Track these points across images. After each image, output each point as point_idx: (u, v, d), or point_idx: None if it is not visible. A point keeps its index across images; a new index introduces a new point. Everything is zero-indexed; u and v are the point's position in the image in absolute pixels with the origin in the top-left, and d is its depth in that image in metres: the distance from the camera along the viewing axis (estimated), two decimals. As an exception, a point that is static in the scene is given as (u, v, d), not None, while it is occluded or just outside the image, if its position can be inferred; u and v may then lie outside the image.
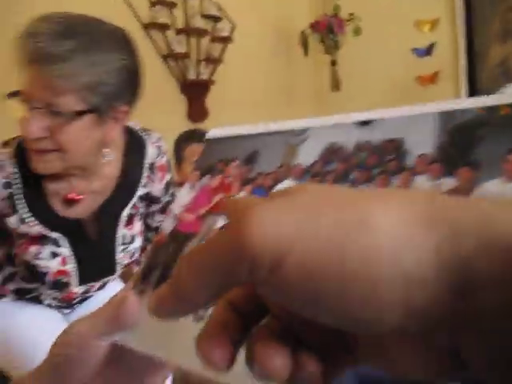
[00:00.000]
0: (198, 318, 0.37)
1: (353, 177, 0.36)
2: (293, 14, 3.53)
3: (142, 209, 1.39)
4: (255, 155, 0.43)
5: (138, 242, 1.39)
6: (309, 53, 3.41)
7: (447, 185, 0.33)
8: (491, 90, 2.67)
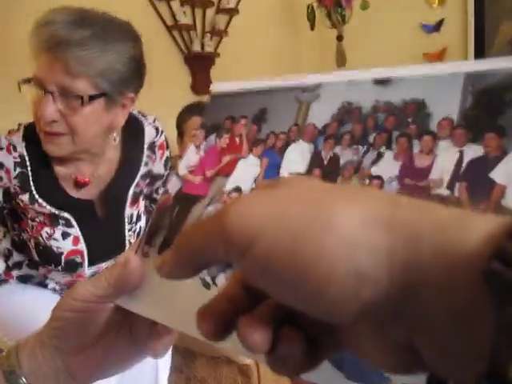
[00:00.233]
0: (206, 285, 0.36)
1: (371, 139, 0.34)
2: (300, -13, 3.47)
3: (145, 188, 1.47)
4: (264, 113, 0.40)
5: (143, 221, 1.48)
6: (315, 27, 3.36)
7: (472, 152, 0.31)
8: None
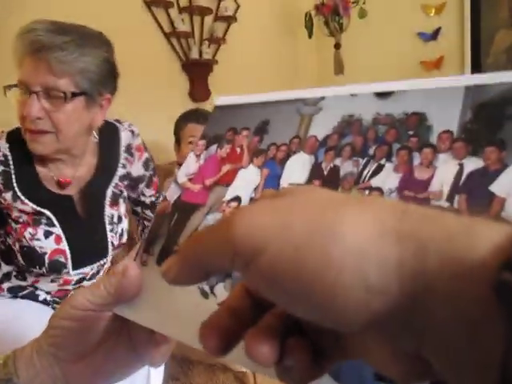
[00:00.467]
0: (204, 294, 0.36)
1: (371, 152, 0.34)
2: (298, -5, 3.49)
3: (126, 190, 1.57)
4: (266, 125, 0.40)
5: (125, 223, 1.56)
6: (313, 35, 3.37)
7: (472, 165, 0.31)
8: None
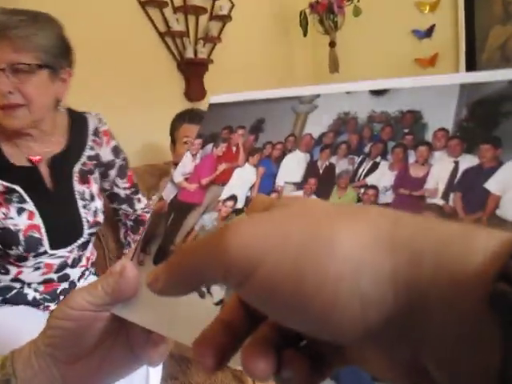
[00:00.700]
0: (201, 293, 0.36)
1: (367, 150, 0.34)
2: (292, -6, 3.48)
3: (96, 171, 1.66)
4: (262, 123, 0.40)
5: (99, 202, 1.64)
6: (308, 33, 3.37)
7: (467, 162, 0.31)
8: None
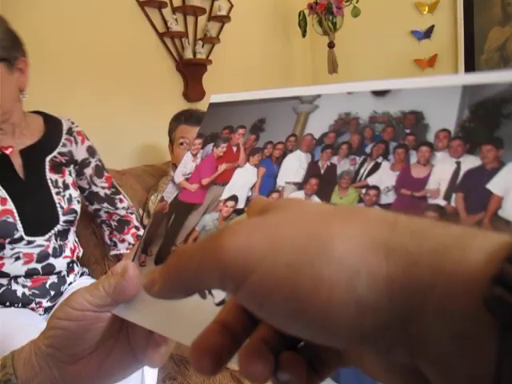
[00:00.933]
0: (202, 294, 0.36)
1: (368, 150, 0.34)
2: (291, -6, 3.48)
3: (72, 168, 1.74)
4: (262, 123, 0.40)
5: (74, 191, 1.71)
6: (307, 34, 3.38)
7: (469, 163, 0.31)
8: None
